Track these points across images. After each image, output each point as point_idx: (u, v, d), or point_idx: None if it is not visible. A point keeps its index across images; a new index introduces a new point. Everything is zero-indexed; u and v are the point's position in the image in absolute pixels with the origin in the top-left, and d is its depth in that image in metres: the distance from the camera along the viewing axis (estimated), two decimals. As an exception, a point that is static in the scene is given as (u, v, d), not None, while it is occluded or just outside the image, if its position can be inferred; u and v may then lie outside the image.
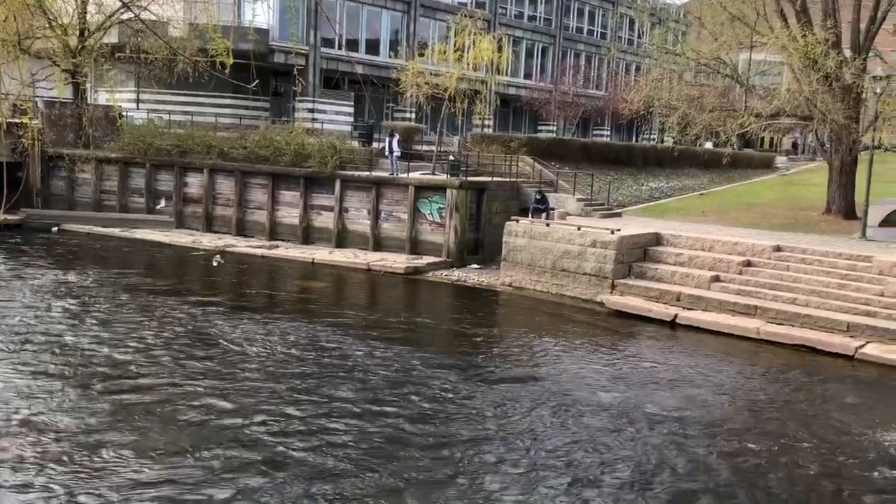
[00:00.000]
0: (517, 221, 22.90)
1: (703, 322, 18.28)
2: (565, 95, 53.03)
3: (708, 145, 46.89)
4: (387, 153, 27.78)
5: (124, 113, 31.67)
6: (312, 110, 38.66)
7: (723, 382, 14.54)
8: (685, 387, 14.13)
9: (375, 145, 30.65)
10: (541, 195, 25.09)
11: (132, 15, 28.84)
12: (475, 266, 24.72)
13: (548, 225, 22.53)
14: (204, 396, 12.27)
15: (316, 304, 19.96)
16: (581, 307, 20.32)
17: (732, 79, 30.79)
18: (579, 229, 21.44)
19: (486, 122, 47.03)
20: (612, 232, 20.83)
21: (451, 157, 27.52)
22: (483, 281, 23.06)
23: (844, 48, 26.81)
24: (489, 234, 25.22)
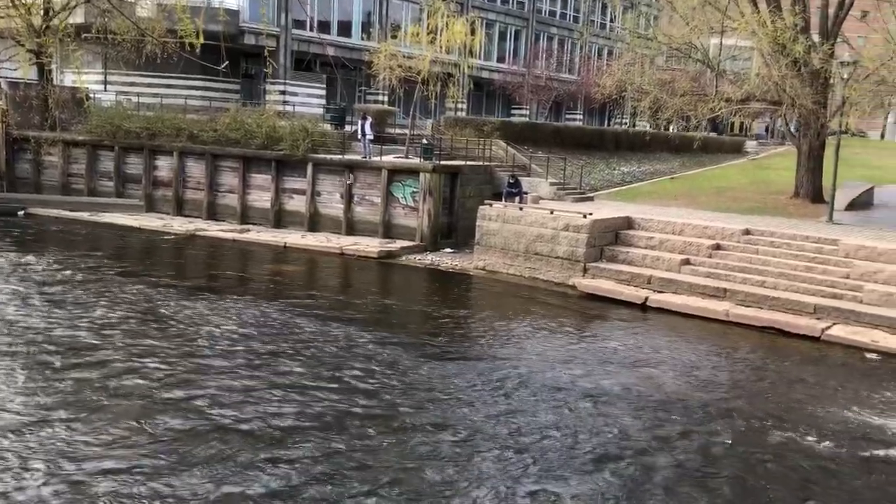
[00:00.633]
0: (490, 205, 22.93)
1: (674, 304, 18.49)
2: (538, 79, 53.07)
3: (671, 129, 47.26)
4: (359, 136, 27.61)
5: (91, 95, 31.13)
6: (284, 93, 38.29)
7: (688, 363, 14.69)
8: (648, 367, 14.25)
9: (348, 128, 30.46)
10: (514, 179, 25.13)
11: (98, -6, 28.28)
12: (449, 250, 24.75)
13: (521, 209, 22.59)
14: (153, 372, 12.31)
15: (286, 288, 19.81)
16: (553, 290, 20.44)
17: (703, 63, 31.05)
18: (552, 213, 21.53)
19: (460, 106, 46.93)
20: (585, 216, 20.95)
21: (425, 141, 27.44)
22: (456, 265, 23.10)
23: (813, 34, 27.12)
24: (463, 219, 25.24)
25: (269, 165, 27.43)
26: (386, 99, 42.05)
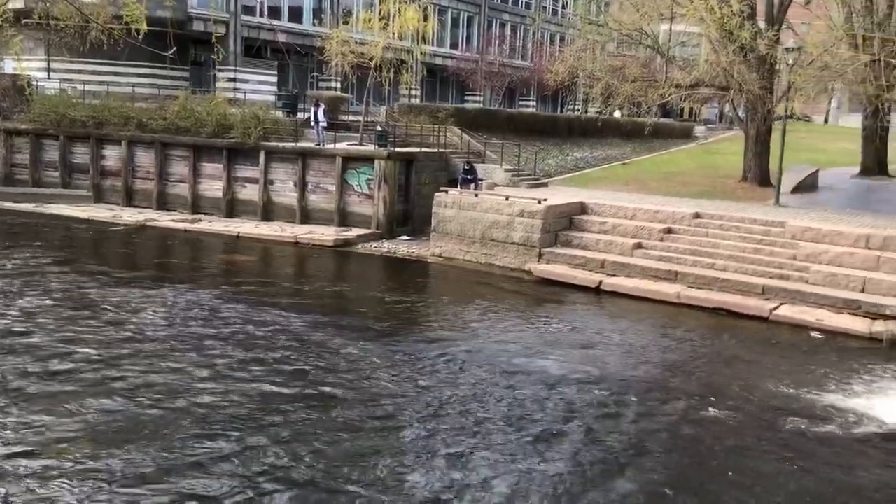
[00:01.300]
0: (446, 192, 22.95)
1: (627, 288, 18.77)
2: (491, 66, 53.12)
3: (616, 114, 47.78)
4: (312, 123, 27.35)
5: (34, 82, 30.23)
6: (234, 80, 37.65)
7: (635, 344, 14.91)
8: (595, 348, 14.43)
9: (300, 115, 30.14)
10: (469, 166, 25.17)
11: (39, -22, 27.43)
12: (405, 237, 24.71)
13: (476, 195, 22.66)
14: (80, 358, 12.24)
15: (237, 277, 19.54)
16: (509, 276, 20.58)
17: (654, 50, 31.44)
18: (507, 199, 21.64)
19: (414, 93, 46.76)
20: (539, 202, 21.11)
21: (379, 128, 27.29)
22: (413, 252, 23.08)
23: (759, 20, 27.65)
24: (418, 206, 25.22)
25: (221, 154, 27.01)
26: (339, 85, 41.65)
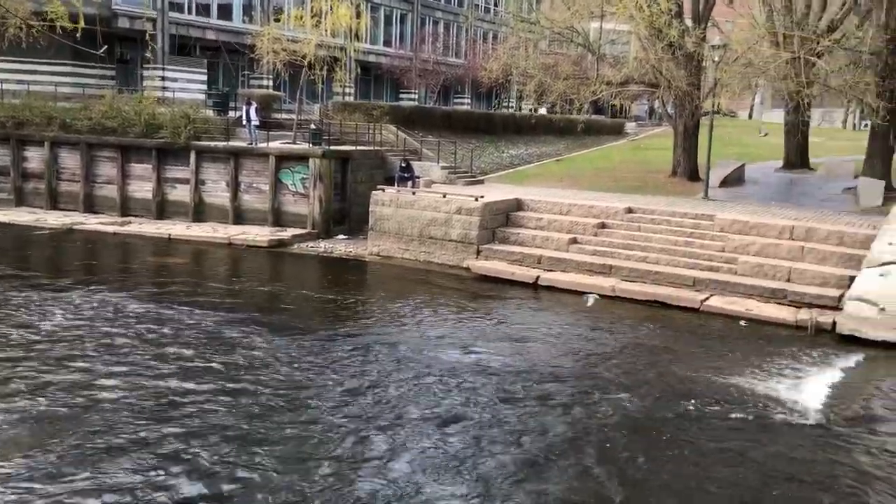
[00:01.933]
0: (383, 191, 22.86)
1: (563, 282, 19.03)
2: (425, 63, 53.11)
3: (542, 111, 48.46)
4: (244, 122, 26.89)
5: (-52, 81, 28.94)
6: (163, 78, 36.71)
7: (568, 337, 15.07)
8: (528, 342, 14.52)
9: (232, 114, 29.59)
10: (406, 164, 25.13)
11: (-48, -27, 26.19)
12: (342, 237, 24.52)
13: (414, 193, 22.64)
14: None
15: (166, 280, 19.03)
16: (448, 273, 20.62)
17: (585, 47, 31.88)
18: (444, 197, 21.69)
19: (348, 90, 46.39)
20: (476, 199, 21.22)
21: (313, 126, 27.01)
22: (350, 251, 22.93)
23: (686, 18, 28.33)
24: (355, 204, 25.06)
25: (150, 154, 26.33)
26: (271, 84, 41.02)
